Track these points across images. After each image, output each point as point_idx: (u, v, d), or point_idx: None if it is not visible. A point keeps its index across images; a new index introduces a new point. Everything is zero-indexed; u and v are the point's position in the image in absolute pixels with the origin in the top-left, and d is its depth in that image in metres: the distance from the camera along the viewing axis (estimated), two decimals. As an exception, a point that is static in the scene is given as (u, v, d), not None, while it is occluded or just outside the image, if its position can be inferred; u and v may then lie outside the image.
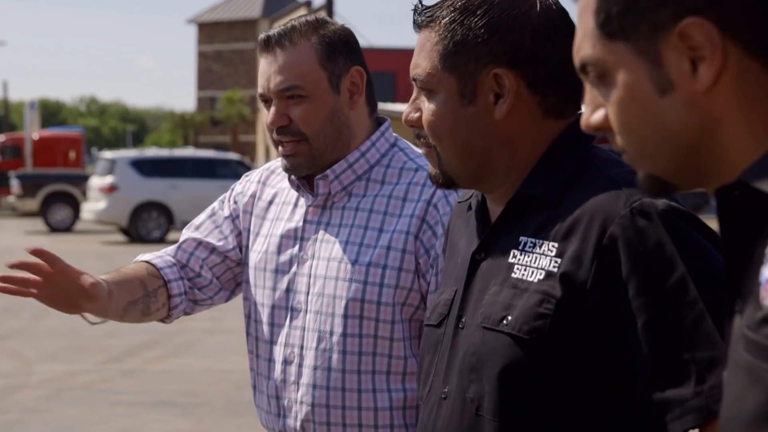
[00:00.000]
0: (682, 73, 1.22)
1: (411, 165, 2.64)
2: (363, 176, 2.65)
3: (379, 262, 2.56)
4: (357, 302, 2.56)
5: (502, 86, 1.89)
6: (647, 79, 1.25)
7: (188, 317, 2.99)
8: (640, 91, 1.26)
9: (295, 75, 2.59)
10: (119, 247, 23.61)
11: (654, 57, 1.24)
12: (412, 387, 2.57)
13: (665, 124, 1.25)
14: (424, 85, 1.95)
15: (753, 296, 1.14)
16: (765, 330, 1.11)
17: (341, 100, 2.63)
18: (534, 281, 1.83)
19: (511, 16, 1.90)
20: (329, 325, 2.58)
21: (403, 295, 2.55)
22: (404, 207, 2.58)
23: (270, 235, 2.72)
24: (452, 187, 1.99)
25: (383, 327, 2.56)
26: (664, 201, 1.78)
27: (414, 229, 2.55)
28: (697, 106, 1.23)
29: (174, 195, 24.34)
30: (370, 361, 2.56)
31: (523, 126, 1.91)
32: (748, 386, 1.13)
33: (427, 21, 1.95)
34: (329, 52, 2.61)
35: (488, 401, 1.84)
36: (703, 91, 1.22)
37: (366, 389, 2.56)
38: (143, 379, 9.83)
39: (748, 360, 1.13)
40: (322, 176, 2.64)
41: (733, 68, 1.21)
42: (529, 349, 1.80)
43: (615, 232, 1.77)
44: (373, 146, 2.66)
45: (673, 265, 1.72)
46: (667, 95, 1.24)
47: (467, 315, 1.92)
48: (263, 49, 2.63)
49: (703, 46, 1.21)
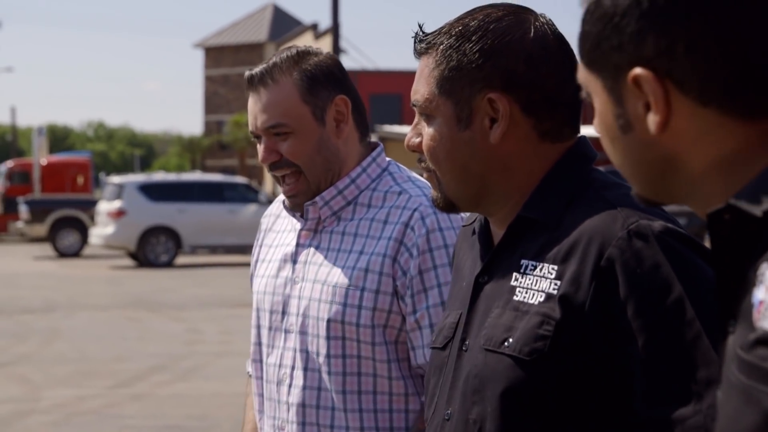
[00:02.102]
0: (637, 116, 1.27)
1: (395, 188, 2.69)
2: (352, 201, 2.71)
3: (357, 284, 2.61)
4: (338, 324, 2.61)
5: (496, 110, 1.92)
6: (613, 116, 1.30)
7: (196, 341, 2.96)
8: (609, 125, 1.31)
9: (279, 113, 2.66)
10: (128, 271, 23.64)
11: (618, 96, 1.29)
12: (398, 408, 2.61)
13: (630, 156, 1.31)
14: (422, 110, 1.98)
15: (745, 317, 1.17)
16: (758, 351, 1.14)
17: (327, 131, 2.69)
18: (535, 303, 1.85)
19: (504, 42, 1.93)
20: (315, 346, 2.64)
21: (383, 317, 2.60)
22: (384, 229, 2.64)
23: (271, 260, 2.81)
24: (453, 210, 2.01)
25: (365, 348, 2.61)
26: (661, 222, 1.80)
27: (391, 251, 2.60)
28: (653, 146, 1.27)
29: (182, 219, 24.38)
30: (355, 381, 2.61)
31: (519, 150, 1.94)
32: (743, 406, 1.15)
33: (426, 47, 1.99)
34: (311, 86, 2.67)
35: (490, 423, 1.86)
36: (655, 135, 1.26)
37: (352, 409, 2.61)
38: (152, 403, 9.84)
39: (742, 380, 1.16)
40: (312, 202, 2.71)
41: (686, 114, 1.24)
42: (529, 370, 1.82)
43: (612, 254, 1.79)
44: (364, 172, 2.72)
45: (670, 286, 1.75)
46: (628, 134, 1.29)
47: (471, 337, 1.94)
48: (248, 88, 2.72)
49: (650, 95, 1.25)
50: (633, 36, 1.26)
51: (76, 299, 17.83)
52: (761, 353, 1.13)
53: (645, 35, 1.25)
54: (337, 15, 25.75)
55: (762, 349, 1.13)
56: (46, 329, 14.47)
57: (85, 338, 13.70)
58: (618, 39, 1.27)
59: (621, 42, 1.27)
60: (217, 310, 16.27)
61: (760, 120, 1.23)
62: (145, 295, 18.54)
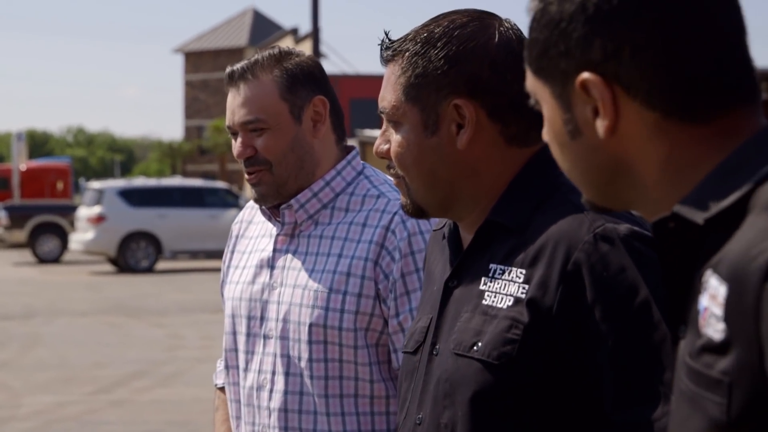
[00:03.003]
0: (586, 121, 1.28)
1: (373, 192, 2.71)
2: (328, 204, 2.72)
3: (339, 288, 2.62)
4: (320, 328, 2.62)
5: (462, 116, 1.94)
6: (562, 122, 1.31)
7: (177, 346, 3.00)
8: (558, 131, 1.32)
9: (257, 108, 2.69)
10: (108, 277, 23.58)
11: (566, 102, 1.30)
12: (379, 411, 2.62)
13: (579, 162, 1.32)
14: (390, 117, 1.99)
15: (693, 324, 1.19)
16: (704, 358, 1.15)
17: (303, 130, 2.71)
18: (503, 307, 1.86)
19: (469, 48, 1.94)
20: (297, 350, 2.65)
21: (365, 320, 2.61)
22: (364, 233, 2.65)
23: (246, 266, 2.81)
24: (422, 216, 2.03)
25: (347, 351, 2.61)
26: (627, 226, 1.82)
27: (373, 255, 2.61)
28: (601, 150, 1.28)
29: (162, 224, 24.33)
30: (337, 385, 2.62)
31: (486, 155, 1.95)
32: (690, 413, 1.17)
33: (392, 55, 2.00)
34: (290, 84, 2.70)
35: (461, 427, 1.87)
36: (604, 140, 1.27)
37: (334, 413, 2.62)
38: (132, 409, 9.81)
39: (689, 387, 1.17)
40: (287, 206, 2.72)
41: (633, 118, 1.26)
42: (498, 374, 1.84)
43: (579, 258, 1.81)
44: (339, 175, 2.74)
45: (636, 289, 1.77)
46: (577, 139, 1.30)
47: (441, 342, 1.96)
48: (228, 83, 2.74)
49: (598, 100, 1.26)
50: (580, 41, 1.27)
51: (56, 305, 17.77)
52: (706, 360, 1.15)
53: (592, 40, 1.26)
54: (317, 20, 25.75)
55: (707, 356, 1.15)
56: (26, 335, 14.42)
57: (65, 344, 13.66)
58: (565, 45, 1.28)
59: (568, 48, 1.28)
60: (198, 316, 16.24)
61: (706, 124, 1.24)
62: (125, 300, 18.49)
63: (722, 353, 1.13)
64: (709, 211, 1.19)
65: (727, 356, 1.13)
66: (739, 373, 1.12)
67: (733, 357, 1.12)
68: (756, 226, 1.14)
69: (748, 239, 1.13)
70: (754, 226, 1.14)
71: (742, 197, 1.18)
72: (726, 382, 1.13)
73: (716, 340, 1.14)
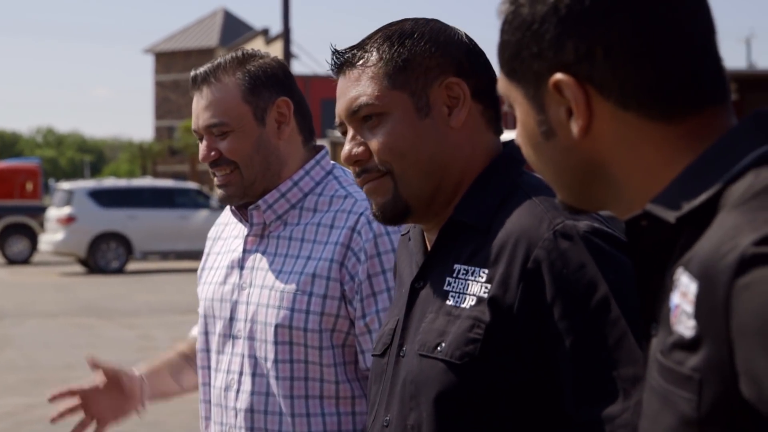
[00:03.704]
0: (560, 122, 1.29)
1: (341, 192, 2.71)
2: (297, 205, 2.73)
3: (305, 289, 2.62)
4: (285, 329, 2.62)
5: (453, 96, 1.96)
6: (535, 123, 1.31)
7: (148, 347, 3.04)
8: (532, 133, 1.33)
9: (220, 111, 2.70)
10: (78, 278, 23.47)
11: (540, 104, 1.30)
12: (345, 411, 2.63)
13: (553, 163, 1.32)
14: (373, 110, 1.98)
15: (665, 321, 1.20)
16: (675, 355, 1.17)
17: (267, 131, 2.72)
18: (466, 307, 1.87)
19: (446, 35, 1.99)
20: (263, 351, 2.65)
21: (331, 321, 2.61)
22: (331, 234, 2.65)
23: (218, 267, 2.82)
24: (402, 218, 2.00)
25: (312, 352, 2.62)
26: (587, 222, 1.83)
27: (338, 256, 2.61)
28: (575, 151, 1.29)
29: (132, 225, 24.25)
30: (302, 386, 2.62)
31: (472, 136, 1.98)
32: (661, 410, 1.19)
33: (357, 59, 2.00)
34: (253, 86, 2.71)
35: (426, 428, 1.87)
36: (578, 140, 1.28)
37: (300, 413, 2.62)
38: (103, 410, 9.76)
39: (661, 384, 1.18)
40: (255, 206, 2.73)
41: (607, 118, 1.26)
42: (462, 374, 1.84)
43: (539, 255, 1.82)
44: (307, 175, 2.74)
45: (595, 285, 1.78)
46: (551, 140, 1.30)
47: (408, 343, 1.96)
48: (192, 87, 2.75)
49: (571, 100, 1.27)
50: (552, 42, 1.27)
51: (26, 307, 17.67)
52: (677, 357, 1.16)
53: (564, 41, 1.27)
54: (288, 20, 25.73)
55: (678, 353, 1.16)
56: (-5, 337, 14.33)
57: (35, 346, 13.59)
58: (538, 46, 1.29)
59: (541, 49, 1.28)
60: (169, 317, 16.19)
61: (679, 123, 1.25)
62: (95, 301, 18.42)
63: (693, 350, 1.14)
64: (680, 209, 1.20)
65: (698, 353, 1.14)
66: (710, 370, 1.13)
67: (703, 354, 1.13)
68: (726, 223, 1.15)
69: (719, 237, 1.14)
70: (724, 223, 1.15)
71: (713, 196, 1.19)
72: (696, 378, 1.14)
73: (687, 337, 1.15)
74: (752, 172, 1.18)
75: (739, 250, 1.11)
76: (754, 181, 1.17)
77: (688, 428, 1.16)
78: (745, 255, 1.10)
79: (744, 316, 1.09)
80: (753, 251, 1.10)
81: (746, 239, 1.11)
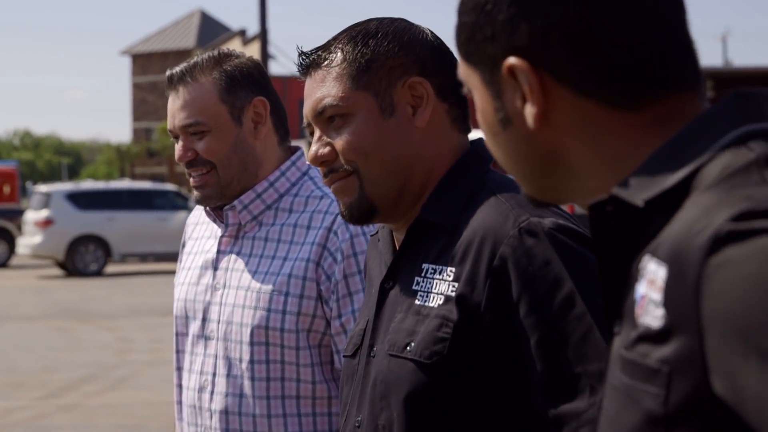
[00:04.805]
0: (515, 109, 1.21)
1: (317, 193, 2.70)
2: (272, 205, 2.72)
3: (281, 289, 2.61)
4: (262, 329, 2.62)
5: (417, 96, 1.97)
6: (493, 110, 1.23)
7: (127, 350, 3.03)
8: (489, 120, 1.25)
9: (197, 111, 2.68)
10: (56, 281, 23.39)
11: (496, 89, 1.22)
12: (321, 411, 2.62)
13: (512, 152, 1.24)
14: (337, 110, 1.99)
15: (629, 316, 1.11)
16: (640, 348, 1.08)
17: (244, 131, 2.71)
18: (434, 306, 1.87)
19: (410, 34, 2.00)
20: (238, 352, 2.64)
21: (307, 321, 2.60)
22: (307, 235, 2.64)
23: (191, 267, 2.81)
24: (366, 218, 2.00)
25: (288, 353, 2.61)
26: (552, 219, 1.84)
27: (315, 256, 2.60)
28: (534, 140, 1.21)
29: (111, 227, 24.17)
30: (278, 387, 2.62)
31: (437, 136, 1.98)
32: (623, 408, 1.10)
33: (322, 60, 2.01)
34: (229, 86, 2.70)
35: (398, 427, 1.88)
36: (535, 128, 1.20)
37: (276, 414, 2.62)
38: (82, 413, 9.74)
39: (624, 381, 1.10)
40: (230, 207, 2.72)
41: (566, 106, 1.18)
42: (431, 373, 1.85)
43: (505, 253, 1.82)
44: (283, 176, 2.73)
45: (560, 282, 1.78)
46: (508, 128, 1.22)
47: (378, 343, 1.97)
48: (168, 87, 2.74)
49: (525, 86, 1.19)
50: (506, 25, 1.19)
51: (4, 310, 17.60)
52: (642, 350, 1.08)
53: (517, 23, 1.18)
54: (265, 21, 25.70)
55: (643, 345, 1.08)
56: (-26, 341, 14.27)
57: (14, 349, 13.54)
58: (491, 29, 1.20)
59: (494, 32, 1.20)
60: (148, 319, 16.15)
61: (642, 110, 1.17)
62: (74, 304, 18.36)
63: (661, 341, 1.05)
64: (649, 192, 1.11)
65: (667, 344, 1.04)
66: (680, 361, 1.03)
67: (673, 344, 1.04)
68: (698, 204, 1.06)
69: (691, 217, 1.05)
70: (696, 204, 1.06)
71: (686, 178, 1.10)
72: (665, 371, 1.04)
73: (654, 327, 1.06)
74: (729, 152, 1.09)
75: (713, 226, 1.01)
76: (731, 160, 1.08)
77: (652, 427, 1.06)
78: (720, 232, 1.01)
79: (716, 301, 1.00)
80: (729, 227, 1.01)
81: (722, 215, 1.02)
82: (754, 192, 1.03)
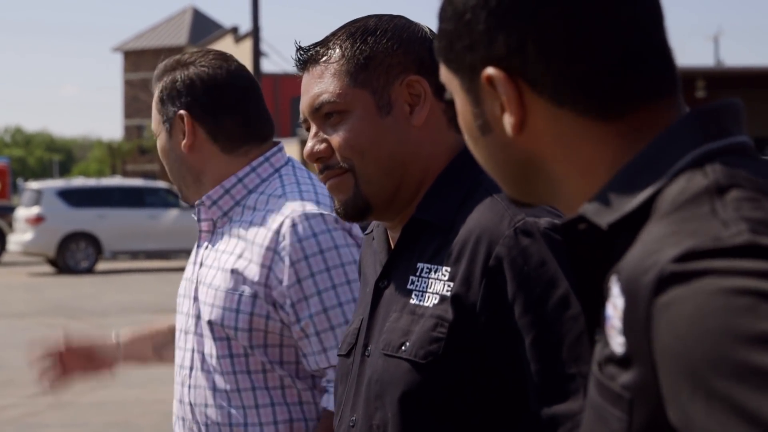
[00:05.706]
0: (495, 117, 1.23)
1: (278, 192, 2.68)
2: (241, 201, 2.72)
3: (236, 288, 2.61)
4: (219, 326, 2.63)
5: (414, 95, 1.97)
6: (472, 116, 1.26)
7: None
8: (469, 126, 1.27)
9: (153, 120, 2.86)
10: (47, 278, 23.35)
11: (476, 96, 1.24)
12: (293, 401, 2.62)
13: (492, 157, 1.26)
14: (335, 107, 1.98)
15: (603, 329, 1.13)
16: (608, 370, 1.10)
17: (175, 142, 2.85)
18: (430, 306, 1.87)
19: (409, 32, 1.99)
20: (208, 347, 2.66)
21: (261, 322, 2.59)
22: (260, 235, 2.63)
23: (190, 262, 2.84)
24: (363, 215, 2.00)
25: (248, 349, 2.62)
26: (547, 219, 1.83)
27: (265, 260, 2.59)
28: (512, 147, 1.23)
29: (102, 225, 24.14)
30: (246, 379, 2.62)
31: (433, 135, 1.98)
32: (596, 424, 1.12)
33: (321, 55, 2.00)
34: (165, 97, 2.82)
35: (392, 427, 1.87)
36: (513, 136, 1.22)
37: (249, 405, 2.62)
38: (73, 411, 9.73)
39: (596, 399, 1.12)
40: (200, 202, 2.74)
41: (542, 115, 1.20)
42: (426, 373, 1.84)
43: (500, 253, 1.82)
44: (253, 171, 2.73)
45: (556, 282, 1.77)
46: (487, 135, 1.24)
47: (372, 343, 1.96)
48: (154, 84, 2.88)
49: (503, 95, 1.20)
50: (483, 35, 1.20)
51: (-5, 307, 17.57)
52: (610, 372, 1.10)
53: (495, 34, 1.20)
54: (257, 18, 25.67)
55: (611, 367, 1.10)
56: (-36, 338, 14.24)
57: (4, 346, 13.51)
58: (470, 38, 1.22)
59: (473, 41, 1.21)
60: (139, 316, 16.12)
61: (617, 120, 1.18)
62: (65, 301, 18.33)
63: (624, 367, 1.08)
64: (612, 215, 1.14)
65: (628, 371, 1.07)
66: (639, 389, 1.06)
67: (633, 372, 1.07)
68: (652, 234, 1.08)
69: (642, 250, 1.07)
70: (650, 234, 1.08)
71: (646, 201, 1.12)
72: (626, 397, 1.07)
73: (618, 353, 1.08)
74: (685, 176, 1.11)
75: (658, 267, 1.04)
76: (685, 186, 1.10)
77: None
78: (664, 273, 1.03)
79: (663, 339, 1.03)
80: (672, 269, 1.03)
81: (666, 255, 1.04)
82: (700, 227, 1.06)
